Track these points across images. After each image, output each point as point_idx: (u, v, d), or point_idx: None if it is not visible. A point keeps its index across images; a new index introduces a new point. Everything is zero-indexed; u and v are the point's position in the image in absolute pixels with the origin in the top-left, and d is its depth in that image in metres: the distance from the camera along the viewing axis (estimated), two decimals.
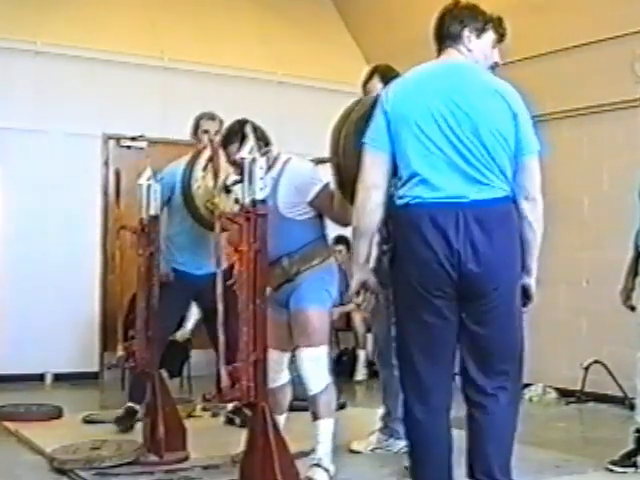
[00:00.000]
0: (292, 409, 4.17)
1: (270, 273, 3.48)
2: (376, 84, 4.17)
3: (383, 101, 2.91)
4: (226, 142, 3.98)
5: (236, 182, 3.71)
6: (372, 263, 3.39)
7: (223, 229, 3.20)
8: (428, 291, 2.80)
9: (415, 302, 2.84)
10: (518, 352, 2.92)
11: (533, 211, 2.90)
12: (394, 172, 2.92)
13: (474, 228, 2.75)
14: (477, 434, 2.85)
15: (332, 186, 3.79)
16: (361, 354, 7.57)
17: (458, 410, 2.98)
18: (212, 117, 5.06)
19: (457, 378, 2.95)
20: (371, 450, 4.44)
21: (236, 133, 3.90)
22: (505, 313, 2.87)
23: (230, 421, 5.15)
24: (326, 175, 3.80)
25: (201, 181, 4.67)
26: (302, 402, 4.10)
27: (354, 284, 3.03)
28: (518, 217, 2.87)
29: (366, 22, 8.24)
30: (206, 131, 5.00)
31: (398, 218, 2.89)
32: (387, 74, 4.19)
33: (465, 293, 2.80)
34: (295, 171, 3.94)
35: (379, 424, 4.52)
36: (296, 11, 8.11)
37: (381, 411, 4.56)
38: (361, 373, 7.55)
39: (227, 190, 3.60)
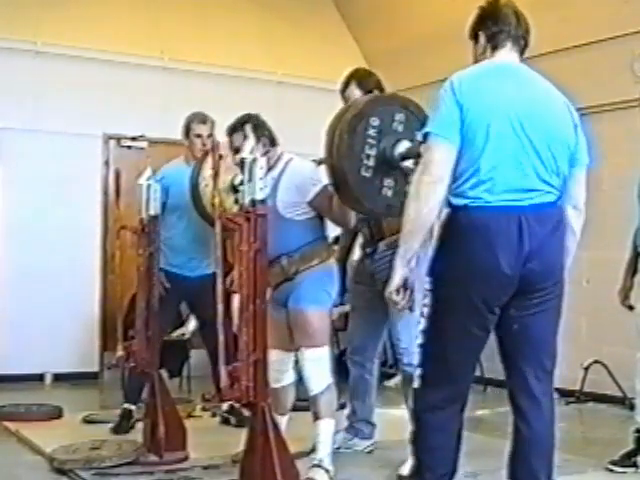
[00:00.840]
0: (293, 409, 4.17)
1: (269, 272, 3.48)
2: (354, 91, 4.15)
3: (455, 93, 2.74)
4: (232, 130, 4.00)
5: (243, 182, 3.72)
6: (354, 262, 3.33)
7: (225, 229, 3.20)
8: (488, 307, 2.75)
9: (468, 316, 2.77)
10: (556, 354, 2.91)
11: (578, 220, 2.95)
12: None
13: (535, 229, 2.73)
14: (524, 448, 2.84)
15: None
16: None
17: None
18: (204, 120, 5.01)
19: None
20: (335, 449, 4.43)
21: (243, 124, 3.95)
22: (556, 308, 2.87)
23: (225, 421, 5.16)
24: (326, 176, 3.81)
25: (209, 180, 4.68)
26: (303, 402, 4.10)
27: (396, 280, 2.87)
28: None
29: (366, 22, 8.23)
30: (199, 135, 4.98)
31: (454, 220, 2.78)
32: (364, 80, 4.18)
33: (521, 289, 2.75)
34: (296, 171, 3.95)
35: (345, 423, 4.52)
36: (296, 11, 8.11)
37: (347, 411, 4.57)
38: None
39: (235, 190, 3.61)
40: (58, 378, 6.97)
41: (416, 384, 2.89)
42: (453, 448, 2.88)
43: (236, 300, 3.74)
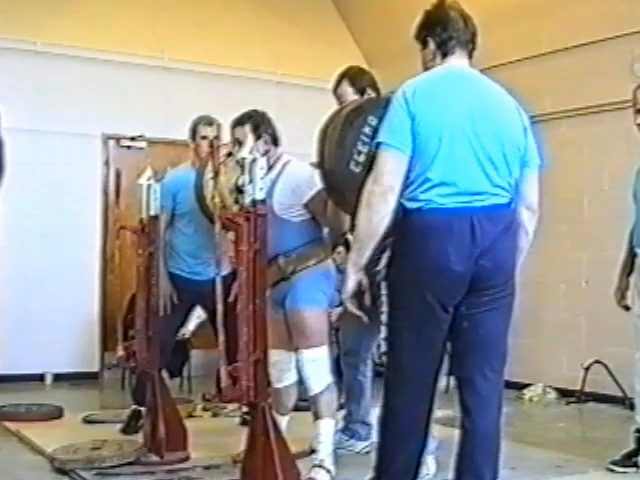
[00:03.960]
0: (293, 409, 4.16)
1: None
2: (346, 89, 4.12)
3: (408, 102, 2.78)
4: (237, 122, 4.04)
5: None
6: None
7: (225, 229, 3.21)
8: (443, 306, 2.77)
9: (423, 317, 2.79)
10: (506, 353, 2.92)
11: (531, 221, 2.96)
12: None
13: (487, 228, 2.75)
14: (468, 444, 2.83)
15: None
16: None
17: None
18: (210, 122, 5.02)
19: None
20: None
21: (249, 117, 4.00)
22: (507, 308, 2.88)
23: (245, 422, 5.09)
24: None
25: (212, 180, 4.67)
26: (303, 402, 4.10)
27: (351, 284, 2.87)
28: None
29: (366, 22, 8.23)
30: (205, 137, 4.98)
31: (408, 223, 2.79)
32: (356, 78, 4.15)
33: (472, 287, 2.77)
34: (293, 174, 3.97)
35: (341, 424, 4.51)
36: (296, 11, 8.10)
37: (343, 412, 4.56)
38: None
39: (239, 190, 3.62)
40: (58, 378, 6.97)
41: (383, 390, 2.92)
42: (414, 455, 2.87)
43: None
